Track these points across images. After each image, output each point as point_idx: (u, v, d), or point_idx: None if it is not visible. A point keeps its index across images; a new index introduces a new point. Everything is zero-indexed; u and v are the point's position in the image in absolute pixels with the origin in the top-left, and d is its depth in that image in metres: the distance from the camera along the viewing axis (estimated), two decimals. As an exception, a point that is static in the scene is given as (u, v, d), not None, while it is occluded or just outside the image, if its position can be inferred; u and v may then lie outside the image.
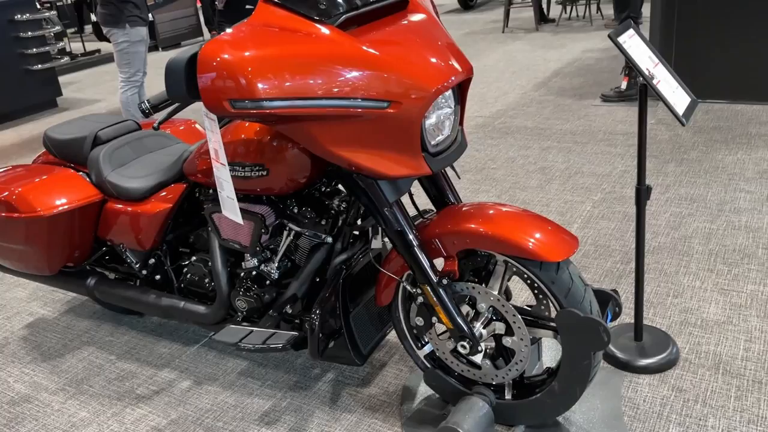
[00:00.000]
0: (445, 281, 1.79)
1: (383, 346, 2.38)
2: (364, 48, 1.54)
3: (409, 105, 1.56)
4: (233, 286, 2.13)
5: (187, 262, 2.32)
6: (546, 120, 4.77)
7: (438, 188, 1.98)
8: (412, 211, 2.00)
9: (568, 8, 9.02)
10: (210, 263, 2.19)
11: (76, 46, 10.18)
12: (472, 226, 1.75)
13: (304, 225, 1.97)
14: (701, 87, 4.70)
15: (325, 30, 1.53)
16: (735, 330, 2.27)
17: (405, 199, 1.97)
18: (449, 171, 1.96)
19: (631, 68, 4.89)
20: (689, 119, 1.82)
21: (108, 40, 4.60)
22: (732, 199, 3.23)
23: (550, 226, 1.75)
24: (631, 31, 1.89)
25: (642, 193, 2.00)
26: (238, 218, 1.75)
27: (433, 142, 1.69)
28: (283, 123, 1.58)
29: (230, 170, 1.92)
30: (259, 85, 1.44)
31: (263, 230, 1.94)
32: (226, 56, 1.43)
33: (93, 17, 7.61)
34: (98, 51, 9.72)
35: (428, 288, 1.78)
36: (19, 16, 6.51)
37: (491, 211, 1.78)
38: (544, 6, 9.02)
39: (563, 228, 1.76)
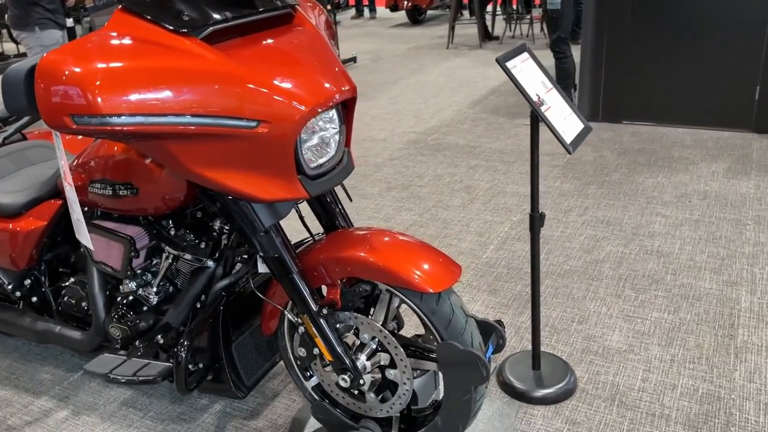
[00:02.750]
0: (325, 311, 1.69)
1: (278, 374, 2.27)
2: (231, 63, 1.44)
3: (280, 125, 1.47)
4: (110, 311, 1.99)
5: (66, 284, 2.17)
6: (477, 138, 4.75)
7: (327, 212, 1.89)
8: (304, 234, 1.91)
9: (513, 26, 9.12)
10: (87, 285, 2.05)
11: (9, 47, 9.80)
12: (354, 253, 1.66)
13: (182, 248, 1.85)
14: (629, 109, 4.77)
15: (187, 43, 1.43)
16: (635, 359, 2.24)
17: (297, 222, 1.88)
18: (341, 194, 1.87)
19: (562, 88, 4.91)
20: (578, 146, 1.78)
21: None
22: (647, 223, 3.24)
23: (435, 255, 1.67)
24: (524, 55, 1.84)
25: (535, 220, 1.95)
26: (88, 243, 1.62)
27: (312, 165, 1.60)
28: (139, 141, 1.47)
29: (98, 188, 1.80)
30: (105, 100, 1.32)
31: (133, 253, 1.82)
32: (67, 67, 1.31)
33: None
34: (32, 53, 9.36)
35: (307, 318, 1.69)
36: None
37: (376, 239, 1.71)
38: (489, 23, 9.10)
39: (447, 257, 1.69)
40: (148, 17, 1.43)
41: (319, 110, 1.52)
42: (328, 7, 11.58)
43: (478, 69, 7.15)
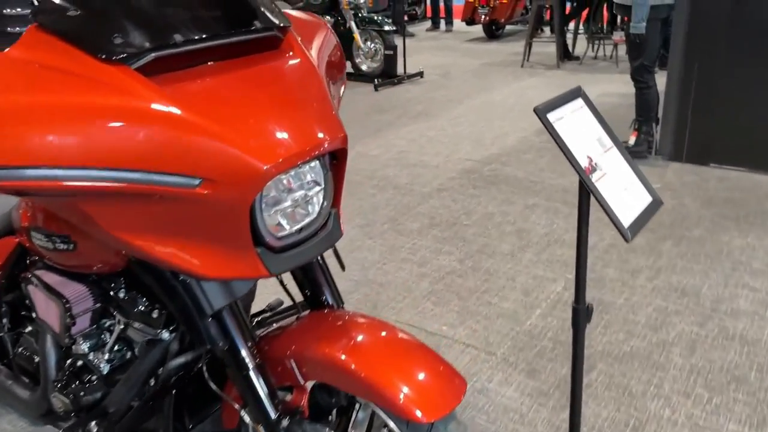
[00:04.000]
0: (286, 421, 1.32)
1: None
2: (169, 101, 1.09)
3: (229, 186, 1.11)
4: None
5: (25, 331, 1.88)
6: (540, 171, 4.27)
7: (311, 281, 1.52)
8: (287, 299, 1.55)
9: (596, 46, 8.49)
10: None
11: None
12: (330, 353, 1.28)
13: (131, 314, 1.52)
14: (719, 150, 4.18)
15: (115, 74, 1.09)
16: (702, 492, 1.76)
17: (275, 287, 1.53)
18: (331, 259, 1.50)
19: (642, 122, 4.37)
20: (640, 229, 1.33)
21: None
22: (731, 296, 2.70)
23: (434, 365, 1.28)
24: (577, 103, 1.41)
25: (580, 314, 1.50)
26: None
27: (281, 233, 1.23)
28: (44, 197, 1.15)
29: (37, 238, 1.49)
30: (-8, 147, 1.00)
31: (69, 319, 1.50)
32: (-59, 102, 0.99)
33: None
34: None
35: (263, 429, 1.32)
36: (8, 10, 6.21)
37: (362, 334, 1.33)
38: (570, 42, 8.52)
39: (450, 368, 1.28)
40: (68, 38, 1.10)
41: (290, 166, 1.16)
42: (405, 18, 11.26)
43: (553, 91, 6.62)
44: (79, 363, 1.64)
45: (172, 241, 1.17)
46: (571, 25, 8.77)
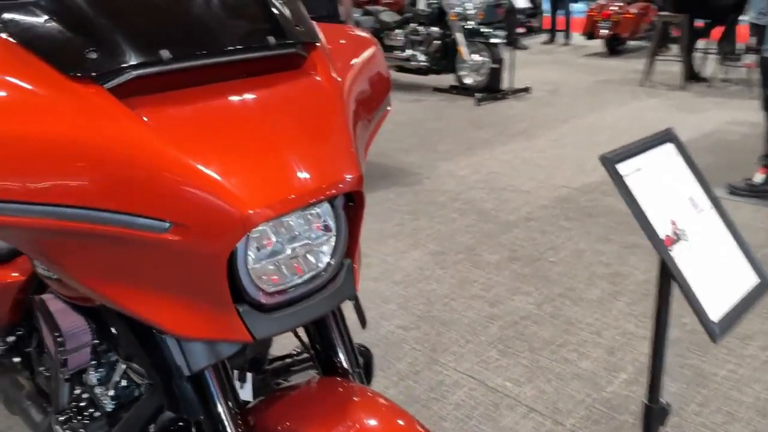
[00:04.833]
0: None
1: None
2: (141, 130, 0.91)
3: (204, 232, 0.91)
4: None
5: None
6: (646, 206, 3.82)
7: (325, 342, 1.30)
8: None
9: (727, 67, 7.72)
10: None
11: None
12: (321, 435, 1.06)
13: (130, 356, 1.37)
14: None
15: (85, 94, 0.92)
16: None
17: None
18: (349, 311, 1.28)
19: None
20: (734, 324, 1.01)
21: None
22: None
23: None
24: (666, 148, 1.11)
25: (653, 415, 1.19)
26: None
27: (271, 289, 1.03)
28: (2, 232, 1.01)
29: (38, 265, 1.38)
30: None
31: (61, 354, 1.37)
32: None
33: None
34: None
35: None
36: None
37: (374, 421, 1.10)
38: (699, 62, 7.80)
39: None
40: (36, 51, 0.95)
41: (283, 211, 0.96)
42: (520, 30, 10.82)
43: (673, 114, 6.06)
44: (86, 396, 1.52)
45: (141, 290, 0.99)
46: (701, 44, 8.05)
